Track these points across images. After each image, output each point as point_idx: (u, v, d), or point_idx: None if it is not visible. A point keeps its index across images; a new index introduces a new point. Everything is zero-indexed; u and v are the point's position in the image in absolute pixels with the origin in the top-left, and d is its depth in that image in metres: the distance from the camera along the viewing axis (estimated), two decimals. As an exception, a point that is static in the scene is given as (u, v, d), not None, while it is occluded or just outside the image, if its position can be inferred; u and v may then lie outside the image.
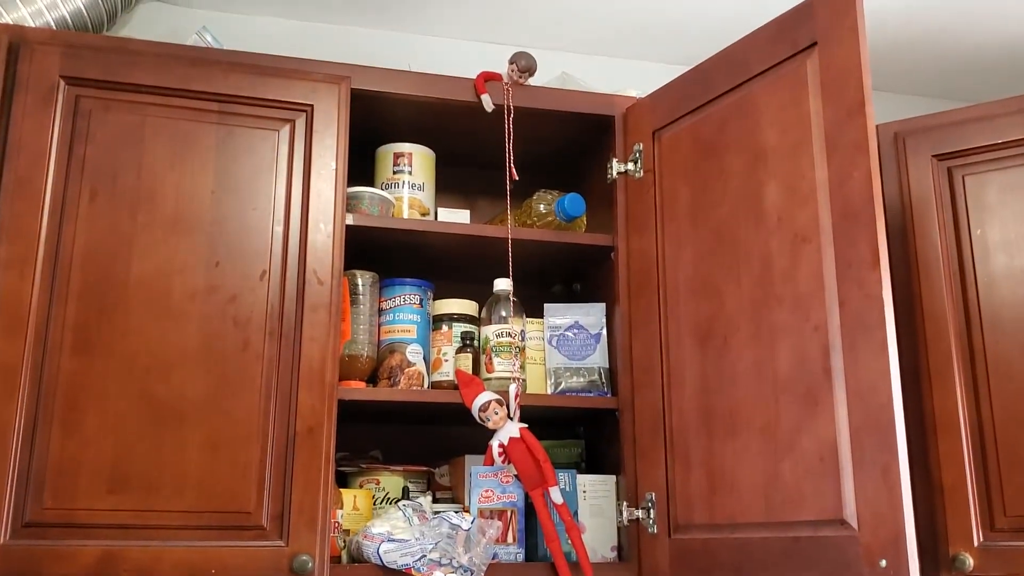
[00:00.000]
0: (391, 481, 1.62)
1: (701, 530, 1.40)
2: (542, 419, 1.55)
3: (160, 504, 1.33)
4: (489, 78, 1.63)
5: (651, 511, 1.49)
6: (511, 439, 1.50)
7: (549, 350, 1.67)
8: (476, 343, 1.63)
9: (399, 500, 1.57)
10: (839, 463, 1.21)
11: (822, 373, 1.25)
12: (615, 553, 1.58)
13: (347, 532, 1.51)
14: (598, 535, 1.57)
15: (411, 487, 1.63)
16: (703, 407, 1.43)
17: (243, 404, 1.39)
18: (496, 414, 1.50)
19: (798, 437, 1.27)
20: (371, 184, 1.68)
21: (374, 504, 1.59)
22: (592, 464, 1.73)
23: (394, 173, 1.69)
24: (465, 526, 1.40)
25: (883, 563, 1.13)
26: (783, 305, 1.33)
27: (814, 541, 1.23)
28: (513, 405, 1.52)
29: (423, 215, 1.65)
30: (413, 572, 1.37)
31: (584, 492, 1.60)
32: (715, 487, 1.39)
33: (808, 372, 1.27)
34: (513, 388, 1.53)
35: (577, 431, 1.81)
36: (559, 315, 1.69)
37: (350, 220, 1.52)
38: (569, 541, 1.49)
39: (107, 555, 1.29)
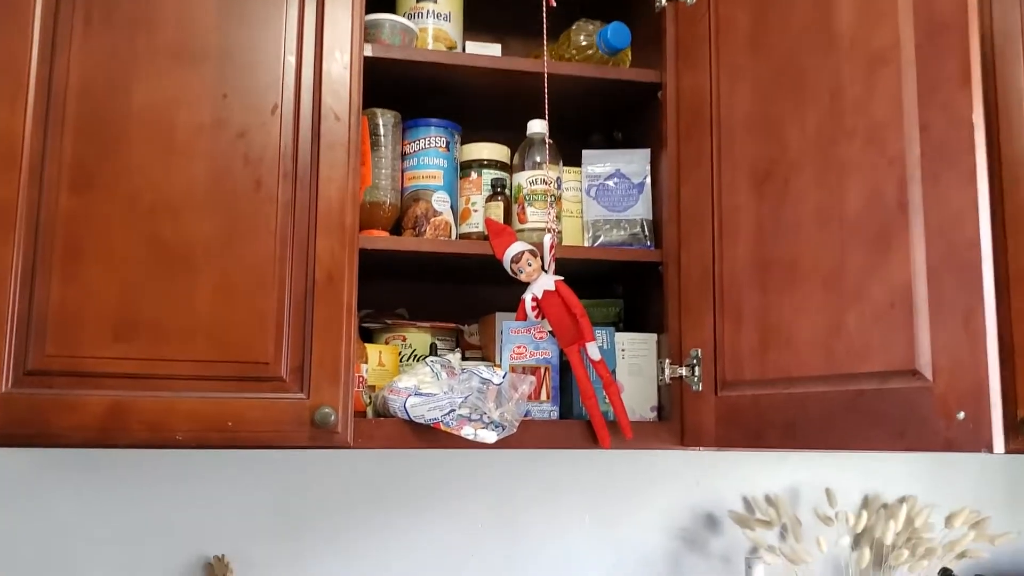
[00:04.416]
0: (418, 338, 1.53)
1: (751, 386, 1.30)
2: (578, 277, 1.43)
3: (170, 353, 1.24)
4: None
5: (696, 368, 1.38)
6: (545, 292, 1.39)
7: (587, 201, 1.54)
8: (508, 191, 1.51)
9: (426, 357, 1.48)
10: (913, 309, 1.09)
11: (897, 210, 1.11)
12: (655, 413, 1.49)
13: (372, 388, 1.42)
14: (637, 395, 1.47)
15: (439, 344, 1.54)
16: (758, 257, 1.30)
17: (257, 249, 1.28)
18: (529, 265, 1.39)
19: (866, 284, 1.15)
20: (392, 13, 1.52)
21: (400, 361, 1.50)
22: (630, 326, 1.63)
23: (418, 1, 1.53)
24: (497, 380, 1.30)
25: (961, 415, 1.02)
26: (854, 139, 1.18)
27: (880, 394, 1.12)
28: (548, 257, 1.40)
29: (449, 49, 1.50)
30: (441, 427, 1.28)
31: (623, 351, 1.50)
32: (769, 341, 1.28)
33: (881, 211, 1.13)
34: (548, 239, 1.41)
35: (615, 290, 1.69)
36: (599, 163, 1.55)
37: (368, 51, 1.38)
38: (606, 399, 1.39)
39: (116, 405, 1.21)
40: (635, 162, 1.55)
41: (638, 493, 1.75)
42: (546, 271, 1.40)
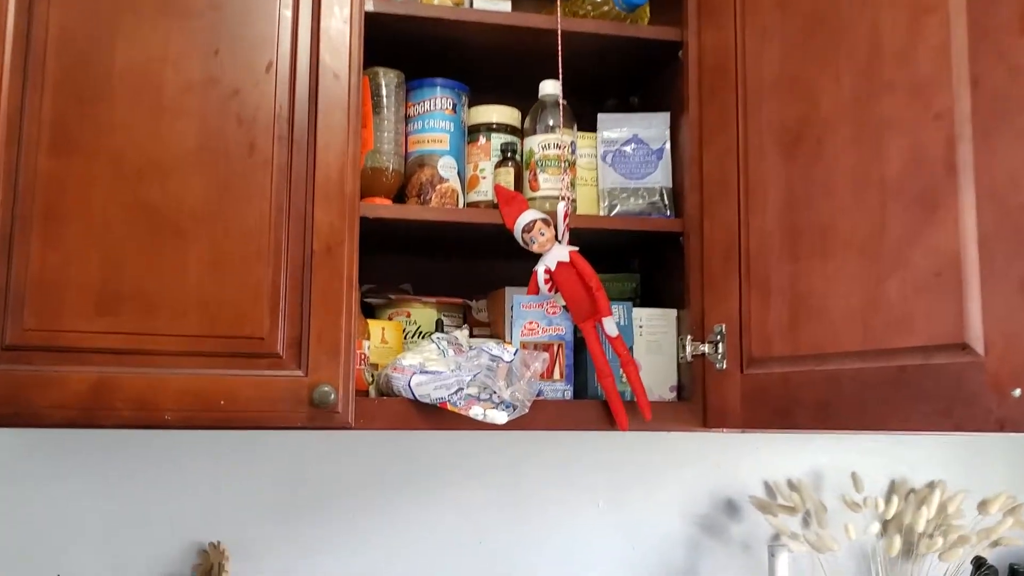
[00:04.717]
0: (423, 314, 1.45)
1: (780, 363, 1.21)
2: (592, 249, 1.34)
3: (158, 327, 1.16)
4: None
5: (719, 345, 1.30)
6: (559, 264, 1.30)
7: (603, 168, 1.45)
8: (518, 157, 1.42)
9: (432, 334, 1.39)
10: (962, 277, 1.00)
11: (944, 171, 1.02)
12: (674, 393, 1.40)
13: (375, 367, 1.34)
14: (655, 374, 1.39)
15: (445, 321, 1.45)
16: (788, 225, 1.21)
17: (251, 216, 1.20)
18: (542, 235, 1.30)
19: (908, 251, 1.06)
20: (395, -32, 1.43)
21: (404, 339, 1.42)
22: (647, 302, 1.54)
23: (422, -46, 1.44)
24: (507, 358, 1.22)
25: (1016, 392, 0.93)
26: (895, 94, 1.09)
27: (924, 369, 1.03)
28: (562, 226, 1.32)
29: (456, 4, 1.41)
30: (448, 406, 1.20)
31: (640, 327, 1.41)
32: (799, 315, 1.19)
33: (926, 172, 1.04)
34: (562, 207, 1.32)
35: (630, 265, 1.61)
36: (615, 127, 1.46)
37: (370, 6, 1.29)
38: (623, 378, 1.31)
39: (101, 383, 1.13)
40: (654, 127, 1.46)
41: (654, 477, 1.67)
42: (560, 241, 1.31)
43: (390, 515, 1.57)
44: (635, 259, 1.61)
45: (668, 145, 1.45)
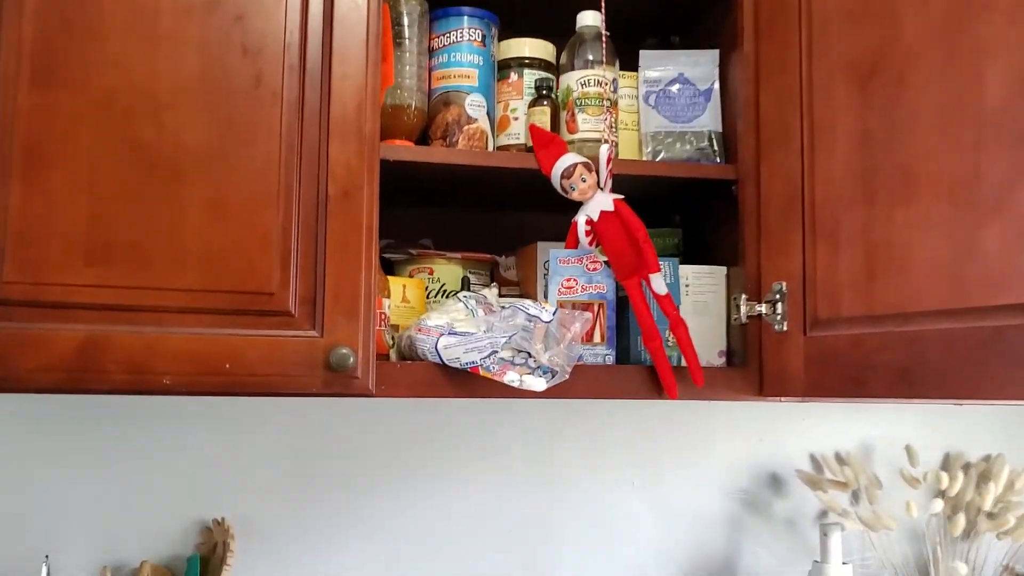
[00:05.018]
0: (447, 271, 1.32)
1: (851, 324, 1.08)
2: (629, 201, 1.21)
3: (154, 280, 1.03)
4: None
5: (779, 305, 1.17)
6: (602, 213, 1.17)
7: (645, 111, 1.31)
8: (554, 95, 1.28)
9: (458, 292, 1.27)
10: (1077, 224, 0.87)
11: (1056, 102, 0.89)
12: (723, 359, 1.28)
13: (395, 328, 1.21)
14: (702, 337, 1.26)
15: (472, 278, 1.32)
16: (862, 168, 1.08)
17: (258, 157, 1.07)
18: (583, 181, 1.16)
19: (1009, 195, 0.92)
20: None
21: (427, 298, 1.29)
22: (689, 260, 1.41)
23: None
24: (546, 317, 1.09)
25: None
26: (994, 13, 0.95)
27: (1029, 331, 0.90)
28: (604, 172, 1.18)
29: (486, -76, 1.27)
30: (480, 371, 1.07)
31: (687, 286, 1.28)
32: (875, 269, 1.06)
33: (1033, 103, 0.91)
34: (605, 150, 1.18)
35: (671, 219, 1.47)
36: (659, 65, 1.32)
37: (391, -78, 1.15)
38: (671, 341, 1.19)
39: (90, 342, 1.01)
40: (701, 65, 1.32)
41: (692, 448, 1.55)
42: (602, 189, 1.18)
43: (408, 491, 1.45)
44: (676, 213, 1.47)
45: (717, 85, 1.32)
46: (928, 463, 1.57)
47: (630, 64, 1.33)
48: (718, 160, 1.29)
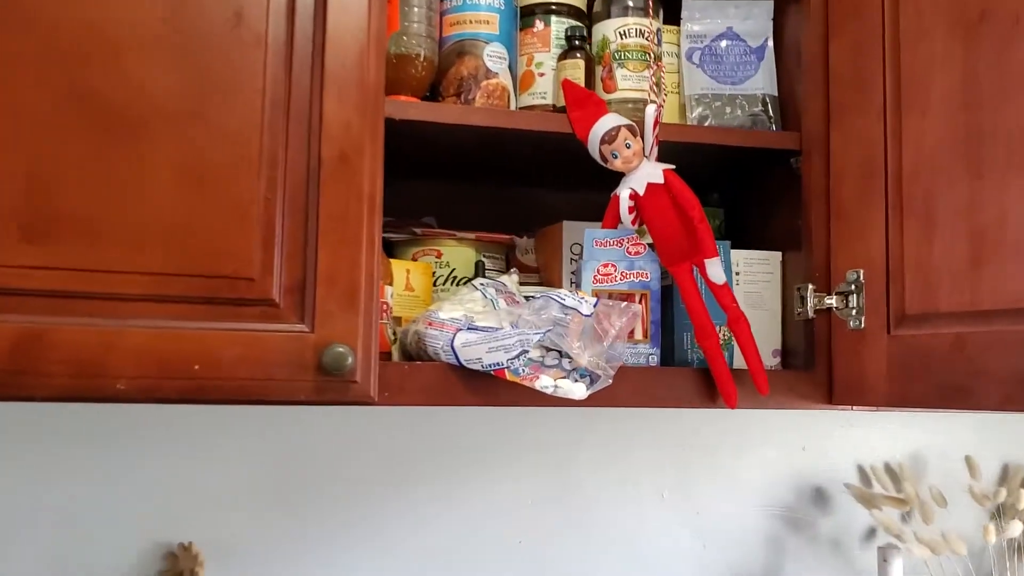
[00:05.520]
0: (458, 253, 1.13)
1: (951, 321, 0.90)
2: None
3: (108, 262, 0.84)
4: None
5: (854, 297, 0.99)
6: (649, 186, 0.99)
7: (688, 69, 1.14)
8: (587, 48, 1.09)
9: (472, 279, 1.08)
10: None
11: None
12: (778, 359, 1.11)
13: (398, 321, 1.03)
14: (755, 334, 1.08)
15: (486, 263, 1.14)
16: (965, 132, 0.90)
17: (236, 112, 0.87)
18: (628, 147, 0.98)
19: None
20: None
21: (434, 285, 1.10)
22: (733, 244, 1.23)
23: None
24: (586, 310, 0.91)
25: None
26: None
27: None
28: (650, 138, 1.00)
29: None
30: (507, 375, 0.88)
31: (737, 274, 1.11)
32: (983, 255, 0.88)
33: None
34: (651, 111, 1.00)
35: (709, 198, 1.29)
36: (704, 18, 1.15)
37: None
38: (725, 338, 1.01)
39: (28, 336, 0.81)
40: (753, 18, 1.15)
41: (729, 459, 1.38)
42: (647, 157, 1.00)
43: (409, 511, 1.26)
44: (713, 191, 1.29)
45: (771, 42, 1.14)
46: (985, 475, 1.41)
47: (670, 17, 1.15)
48: (774, 127, 1.11)
